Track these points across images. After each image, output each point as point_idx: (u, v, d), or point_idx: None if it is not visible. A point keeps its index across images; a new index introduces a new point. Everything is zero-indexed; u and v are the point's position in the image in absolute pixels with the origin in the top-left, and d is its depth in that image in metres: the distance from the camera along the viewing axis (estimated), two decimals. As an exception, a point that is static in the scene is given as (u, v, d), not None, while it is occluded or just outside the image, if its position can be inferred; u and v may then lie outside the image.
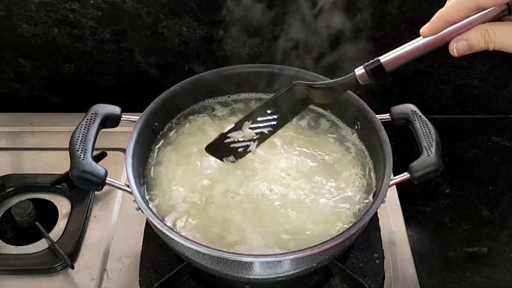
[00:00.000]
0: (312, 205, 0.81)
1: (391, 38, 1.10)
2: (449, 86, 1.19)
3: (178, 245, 0.73)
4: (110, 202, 0.99)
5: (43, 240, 0.91)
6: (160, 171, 0.86)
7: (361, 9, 1.05)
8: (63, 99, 1.23)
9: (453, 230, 1.00)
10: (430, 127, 0.81)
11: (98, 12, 1.05)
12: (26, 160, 1.07)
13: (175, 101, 0.92)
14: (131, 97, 1.07)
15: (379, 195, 0.75)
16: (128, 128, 0.83)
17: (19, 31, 1.09)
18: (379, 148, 0.82)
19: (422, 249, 0.96)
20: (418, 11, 1.05)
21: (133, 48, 1.12)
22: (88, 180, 0.74)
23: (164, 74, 1.16)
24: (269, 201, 0.81)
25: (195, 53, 1.12)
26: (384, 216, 0.96)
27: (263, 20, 1.06)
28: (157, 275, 0.85)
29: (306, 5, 1.04)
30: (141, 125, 0.84)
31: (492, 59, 1.14)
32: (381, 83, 1.18)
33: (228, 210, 0.80)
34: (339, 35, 1.09)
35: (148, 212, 0.74)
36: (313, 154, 0.89)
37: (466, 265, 0.94)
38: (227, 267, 0.73)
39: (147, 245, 0.89)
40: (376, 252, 0.89)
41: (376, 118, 0.85)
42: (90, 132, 0.78)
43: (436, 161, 0.77)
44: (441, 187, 1.07)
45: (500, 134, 1.19)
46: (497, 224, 1.01)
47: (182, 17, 1.06)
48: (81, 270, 0.89)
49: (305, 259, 0.72)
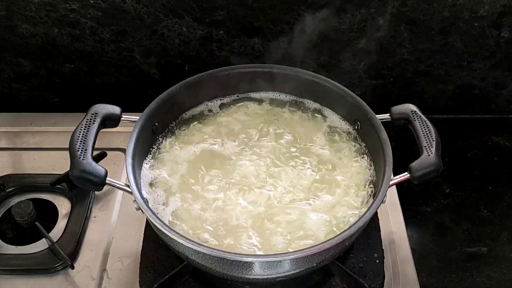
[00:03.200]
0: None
1: (391, 38, 1.10)
2: (449, 86, 1.19)
3: (178, 245, 0.73)
4: (110, 202, 0.99)
5: (43, 240, 0.91)
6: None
7: (361, 9, 1.05)
8: (63, 99, 1.22)
9: (453, 230, 1.00)
10: (430, 127, 0.81)
11: (98, 12, 1.05)
12: (26, 160, 1.07)
13: (175, 101, 0.92)
14: (131, 97, 1.07)
15: (379, 195, 0.75)
16: (128, 128, 0.83)
17: (19, 31, 1.09)
18: (379, 148, 0.82)
19: (422, 249, 0.96)
20: (418, 11, 1.05)
21: (133, 48, 1.12)
22: (88, 180, 0.74)
23: (164, 74, 1.16)
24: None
25: (195, 53, 1.12)
26: (384, 216, 0.96)
27: (264, 20, 1.06)
28: (157, 275, 0.85)
29: (306, 6, 1.05)
30: (141, 125, 0.84)
31: (492, 59, 1.14)
32: (381, 83, 1.18)
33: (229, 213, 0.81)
34: (340, 35, 1.09)
35: (148, 212, 0.74)
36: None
37: (466, 265, 0.94)
38: (227, 267, 0.73)
39: (147, 245, 0.89)
40: (376, 252, 0.89)
41: (376, 118, 0.85)
42: (90, 132, 0.78)
43: (436, 161, 0.77)
44: (441, 187, 1.07)
45: (500, 134, 1.19)
46: (497, 224, 1.01)
47: (182, 17, 1.06)
48: (81, 270, 0.89)
49: (305, 259, 0.72)
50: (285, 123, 0.94)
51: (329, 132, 0.93)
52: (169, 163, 0.87)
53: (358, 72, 1.16)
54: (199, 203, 0.82)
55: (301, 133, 0.93)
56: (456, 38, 1.10)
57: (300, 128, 0.93)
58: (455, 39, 1.10)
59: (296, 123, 0.94)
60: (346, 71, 1.16)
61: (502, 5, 1.04)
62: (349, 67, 1.15)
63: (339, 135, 0.93)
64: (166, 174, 0.86)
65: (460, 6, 1.05)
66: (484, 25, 1.08)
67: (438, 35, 1.09)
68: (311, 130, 0.93)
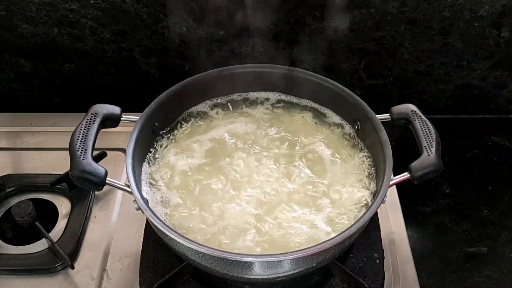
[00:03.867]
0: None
1: (391, 38, 1.10)
2: (449, 86, 1.19)
3: (178, 245, 0.73)
4: (110, 202, 0.99)
5: (43, 240, 0.91)
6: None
7: (360, 9, 1.05)
8: (63, 99, 1.22)
9: (453, 230, 1.00)
10: (430, 127, 0.81)
11: (98, 12, 1.05)
12: (26, 160, 1.07)
13: (175, 101, 0.92)
14: (131, 97, 1.07)
15: (379, 195, 0.75)
16: (128, 128, 0.83)
17: (19, 31, 1.09)
18: (379, 148, 0.82)
19: (422, 249, 0.96)
20: (418, 11, 1.05)
21: (133, 48, 1.12)
22: (88, 180, 0.74)
23: (164, 74, 1.16)
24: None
25: (195, 53, 1.12)
26: (384, 216, 0.96)
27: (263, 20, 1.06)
28: (157, 275, 0.85)
29: (306, 6, 1.05)
30: (141, 125, 0.84)
31: (492, 59, 1.14)
32: (381, 83, 1.18)
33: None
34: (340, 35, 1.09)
35: (148, 212, 0.74)
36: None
37: (466, 265, 0.94)
38: (227, 267, 0.73)
39: (147, 245, 0.89)
40: (376, 252, 0.89)
41: (376, 118, 0.85)
42: (90, 132, 0.78)
43: (436, 161, 0.77)
44: (441, 187, 1.07)
45: (500, 134, 1.19)
46: (497, 224, 1.01)
47: (182, 17, 1.06)
48: (81, 270, 0.89)
49: (305, 259, 0.72)
50: (285, 124, 0.94)
51: (329, 132, 0.93)
52: (169, 163, 0.87)
53: (358, 72, 1.16)
54: (199, 202, 0.82)
55: (301, 133, 0.92)
56: (456, 38, 1.10)
57: (300, 128, 0.93)
58: (455, 39, 1.10)
59: (296, 123, 0.94)
60: (346, 71, 1.16)
61: (502, 5, 1.04)
62: (349, 67, 1.15)
63: (339, 135, 0.93)
64: (166, 174, 0.86)
65: (460, 6, 1.05)
66: (484, 25, 1.08)
67: (438, 35, 1.09)
68: (311, 130, 0.93)
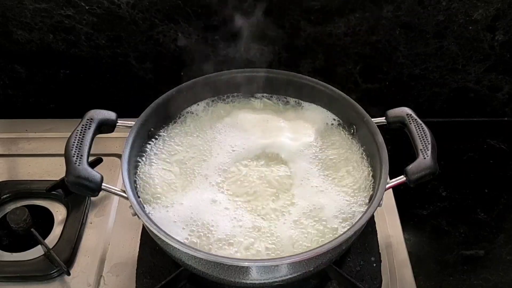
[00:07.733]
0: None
1: (386, 42, 1.10)
2: (444, 90, 1.20)
3: (175, 250, 0.73)
4: (106, 208, 0.99)
5: (39, 246, 0.91)
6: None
7: (355, 13, 1.05)
8: (58, 105, 1.22)
9: (450, 233, 1.00)
10: (425, 130, 0.82)
11: (93, 18, 1.05)
12: (21, 166, 1.07)
13: (170, 106, 0.92)
14: (127, 103, 1.07)
15: (376, 198, 0.75)
16: (124, 134, 0.83)
17: (14, 37, 1.08)
18: (375, 152, 0.82)
19: (419, 252, 0.96)
20: (413, 15, 1.06)
21: (128, 54, 1.12)
22: (84, 186, 0.74)
23: (159, 79, 1.16)
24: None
25: (190, 58, 1.12)
26: (381, 220, 0.96)
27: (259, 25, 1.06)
28: (153, 280, 0.84)
29: (301, 10, 1.05)
30: (136, 130, 0.84)
31: (487, 62, 1.14)
32: (377, 87, 1.19)
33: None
34: (335, 39, 1.10)
35: (145, 217, 0.73)
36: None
37: (463, 268, 0.94)
38: (224, 272, 0.72)
39: (143, 250, 0.89)
40: (373, 256, 0.89)
41: (372, 121, 0.86)
42: (85, 137, 0.78)
43: (432, 164, 0.77)
44: (437, 190, 1.07)
45: (495, 137, 1.19)
46: (494, 226, 1.01)
47: (177, 22, 1.06)
48: (77, 276, 0.88)
49: (302, 263, 0.72)
50: (280, 127, 0.94)
51: (324, 136, 0.93)
52: (165, 168, 0.87)
53: (353, 76, 1.16)
54: (195, 206, 0.82)
55: (296, 137, 0.92)
56: (450, 42, 1.10)
57: (295, 132, 0.93)
58: (450, 42, 1.11)
59: (291, 127, 0.94)
60: (342, 75, 1.16)
61: (496, 8, 1.05)
62: (345, 71, 1.16)
63: (335, 139, 0.92)
64: (162, 179, 0.86)
65: (455, 10, 1.05)
66: (478, 28, 1.08)
67: (433, 39, 1.10)
68: (306, 134, 0.93)
